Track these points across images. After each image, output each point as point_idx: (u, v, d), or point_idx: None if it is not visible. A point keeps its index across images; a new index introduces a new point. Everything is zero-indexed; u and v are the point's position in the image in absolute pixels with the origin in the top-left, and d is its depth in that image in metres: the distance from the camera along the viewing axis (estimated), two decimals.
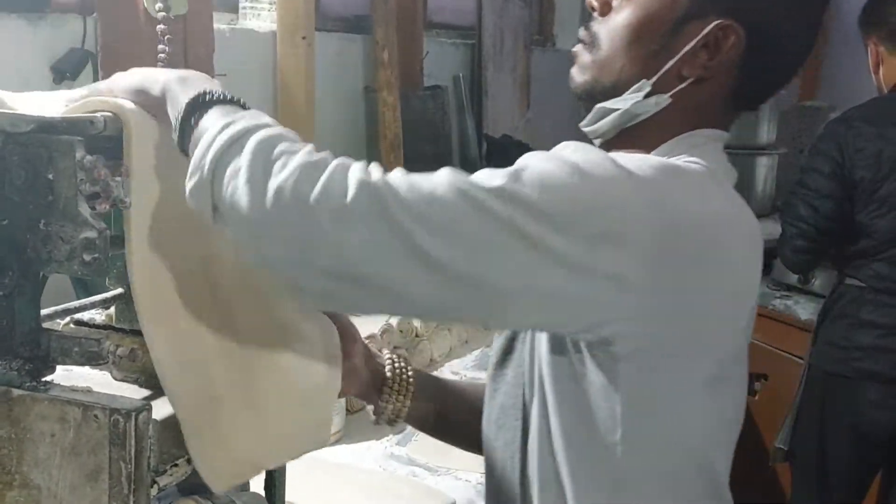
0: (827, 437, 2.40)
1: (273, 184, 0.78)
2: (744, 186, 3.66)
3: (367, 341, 1.95)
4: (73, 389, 0.92)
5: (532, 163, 0.84)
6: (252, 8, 2.37)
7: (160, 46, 1.73)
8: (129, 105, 0.92)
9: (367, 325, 2.06)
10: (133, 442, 0.88)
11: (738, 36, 0.93)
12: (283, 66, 2.33)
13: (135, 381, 0.98)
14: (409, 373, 1.18)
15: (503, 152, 3.27)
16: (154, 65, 1.72)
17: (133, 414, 0.88)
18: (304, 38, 2.29)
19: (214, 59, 1.99)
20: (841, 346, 2.34)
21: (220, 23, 2.26)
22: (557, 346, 0.94)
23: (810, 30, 0.99)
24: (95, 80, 1.73)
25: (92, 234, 0.90)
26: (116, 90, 0.94)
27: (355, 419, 1.92)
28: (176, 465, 0.95)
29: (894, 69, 2.32)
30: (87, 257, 0.91)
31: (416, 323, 2.22)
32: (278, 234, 0.79)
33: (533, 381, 0.98)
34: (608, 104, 0.98)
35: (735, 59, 0.95)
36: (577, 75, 1.01)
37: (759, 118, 3.66)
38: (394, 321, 2.12)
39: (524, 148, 3.37)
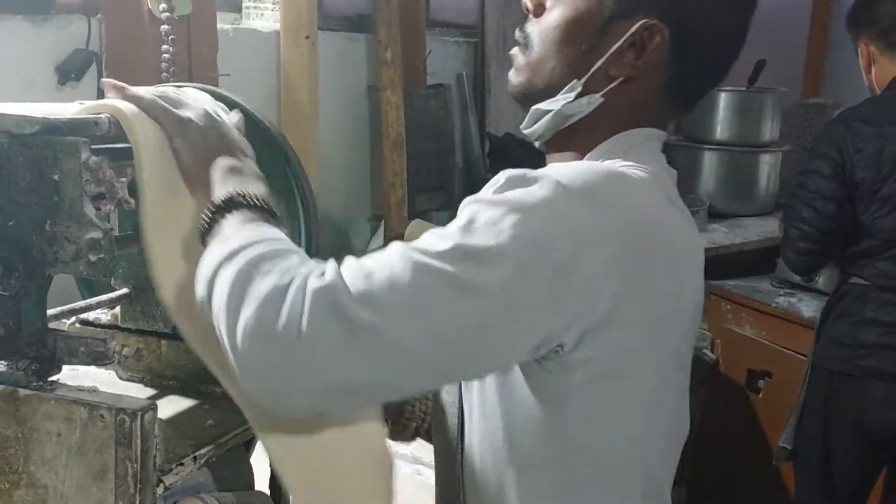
0: (831, 436, 2.40)
1: (241, 322, 0.78)
2: (746, 184, 3.68)
3: None
4: (79, 389, 0.93)
5: (477, 212, 0.83)
6: (255, 8, 2.38)
7: (164, 47, 1.74)
8: (130, 107, 0.93)
9: None
10: (139, 441, 0.89)
11: (663, 35, 0.94)
12: (286, 65, 2.33)
13: (140, 381, 0.98)
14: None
15: (505, 151, 3.27)
16: (159, 65, 1.73)
17: (139, 413, 0.89)
18: (307, 37, 2.30)
19: (218, 59, 1.99)
20: (845, 345, 2.34)
21: (223, 23, 2.26)
22: None
23: (739, 28, 0.99)
24: (99, 80, 1.74)
25: (97, 234, 0.91)
26: (177, 143, 0.96)
27: None
28: (182, 464, 0.96)
29: (886, 69, 2.31)
30: (92, 257, 0.91)
31: None
32: (257, 369, 0.78)
33: (471, 383, 0.99)
34: (542, 105, 0.99)
35: (662, 58, 0.96)
36: (513, 77, 1.02)
37: (761, 115, 3.65)
38: None
39: (526, 146, 3.36)
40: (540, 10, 0.99)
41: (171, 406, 1.11)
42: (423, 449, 1.77)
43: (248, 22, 2.39)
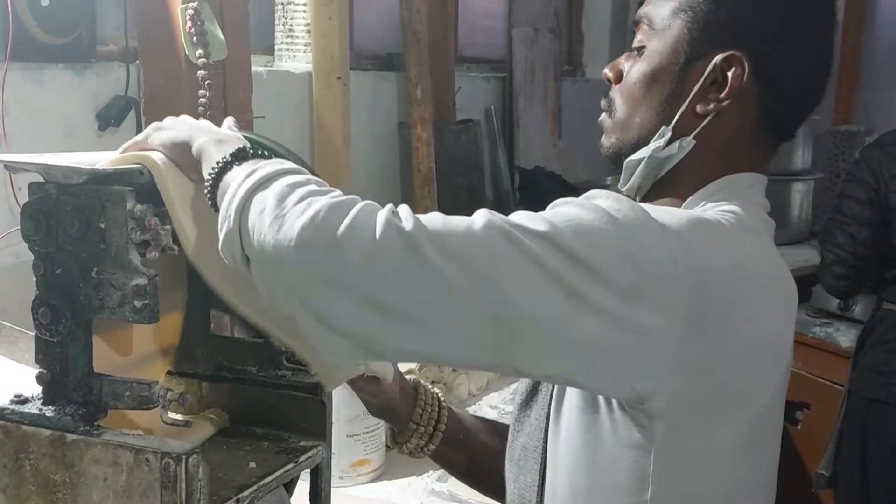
0: (869, 463, 2.36)
1: (298, 223, 0.77)
2: (779, 213, 3.64)
3: (408, 375, 1.97)
4: (125, 433, 0.94)
5: (569, 209, 0.84)
6: (288, 50, 2.42)
7: (200, 91, 1.78)
8: (159, 156, 0.95)
9: None
10: (184, 485, 0.90)
11: (742, 64, 0.94)
12: (318, 106, 2.37)
13: (184, 425, 0.99)
14: (441, 415, 1.23)
15: (536, 184, 3.28)
16: (196, 109, 1.76)
17: (183, 457, 0.90)
18: (339, 78, 2.33)
19: (252, 101, 2.03)
20: (880, 372, 2.31)
21: (256, 65, 2.31)
22: (590, 401, 0.93)
23: (823, 44, 0.98)
24: (139, 126, 1.78)
25: (142, 280, 0.93)
26: (153, 144, 0.96)
27: (396, 455, 1.92)
28: None
29: None
30: (137, 303, 0.93)
31: None
32: (305, 273, 0.78)
33: (559, 429, 0.97)
34: (634, 156, 0.99)
35: (746, 88, 0.95)
36: (605, 140, 1.03)
37: (793, 143, 3.65)
38: None
39: (556, 179, 3.38)
40: (620, 76, 1.01)
41: (213, 448, 1.13)
42: (460, 486, 1.77)
43: (281, 63, 2.43)
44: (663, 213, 0.87)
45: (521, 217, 0.82)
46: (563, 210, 0.84)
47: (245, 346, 1.17)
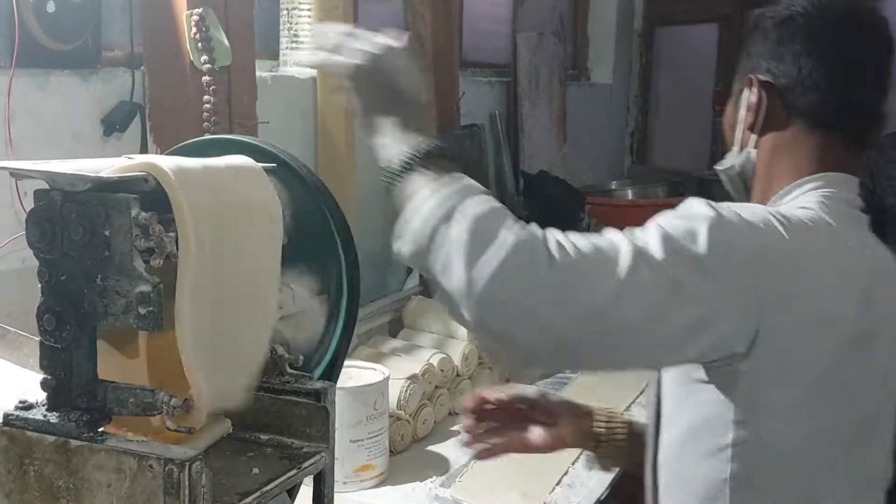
0: None
1: (492, 261, 0.93)
2: None
3: (408, 381, 1.97)
4: (129, 440, 0.94)
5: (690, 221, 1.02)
6: (292, 55, 2.42)
7: (205, 97, 1.78)
8: (170, 164, 0.95)
9: (409, 365, 2.08)
10: (187, 492, 0.90)
11: (753, 82, 1.19)
12: (323, 111, 2.37)
13: (188, 432, 0.99)
14: (621, 429, 1.40)
15: (540, 188, 3.29)
16: (200, 115, 1.77)
17: (186, 464, 0.90)
18: None
19: (257, 106, 2.03)
20: None
21: (261, 70, 2.31)
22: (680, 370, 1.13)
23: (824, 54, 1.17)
24: (143, 132, 1.79)
25: (146, 287, 0.93)
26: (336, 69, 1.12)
27: (399, 460, 1.93)
28: None
29: None
30: (142, 310, 0.94)
31: (457, 362, 2.23)
32: (502, 304, 0.94)
33: (661, 402, 1.18)
34: (716, 167, 1.28)
35: (773, 98, 1.18)
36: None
37: None
38: (435, 360, 2.13)
39: (561, 183, 3.38)
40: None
41: (216, 454, 1.13)
42: (463, 491, 1.77)
43: (286, 69, 2.43)
44: (745, 209, 1.06)
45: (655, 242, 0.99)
46: (693, 223, 1.02)
47: None
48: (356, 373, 1.88)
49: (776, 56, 1.18)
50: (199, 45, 1.73)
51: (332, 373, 1.21)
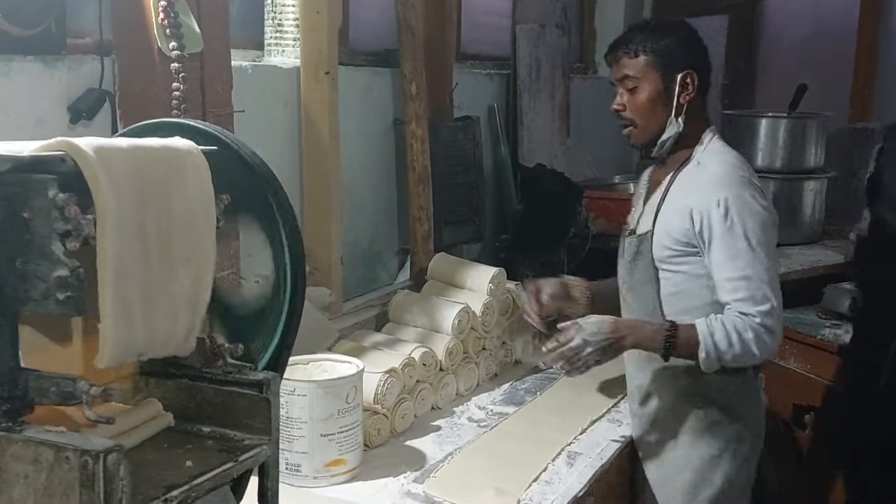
0: None
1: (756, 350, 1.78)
2: (790, 212, 3.57)
3: (387, 376, 1.93)
4: (48, 430, 0.91)
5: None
6: (277, 45, 2.39)
7: (174, 84, 1.75)
8: (86, 142, 0.93)
9: (389, 359, 2.04)
10: (101, 484, 0.87)
11: (692, 75, 1.90)
12: (307, 102, 2.33)
13: (106, 422, 0.96)
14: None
15: (536, 181, 3.23)
16: (169, 103, 1.73)
17: (101, 455, 0.87)
18: (327, 73, 2.29)
19: (238, 96, 2.00)
20: None
21: (245, 59, 2.28)
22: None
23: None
24: (113, 119, 1.75)
25: (64, 272, 0.90)
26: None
27: (374, 455, 1.89)
28: None
29: None
30: (60, 295, 0.90)
31: (441, 357, 2.19)
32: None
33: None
34: (664, 138, 1.93)
35: (695, 81, 1.92)
36: (635, 141, 1.99)
37: (804, 141, 3.56)
38: (416, 354, 2.09)
39: (558, 177, 3.33)
40: (624, 106, 1.93)
41: (153, 446, 1.10)
42: (436, 487, 1.72)
43: (270, 59, 2.40)
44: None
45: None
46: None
47: None
48: (330, 366, 1.84)
49: (691, 53, 1.92)
50: (168, 31, 1.70)
51: (277, 364, 1.17)
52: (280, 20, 2.38)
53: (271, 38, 2.40)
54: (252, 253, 1.20)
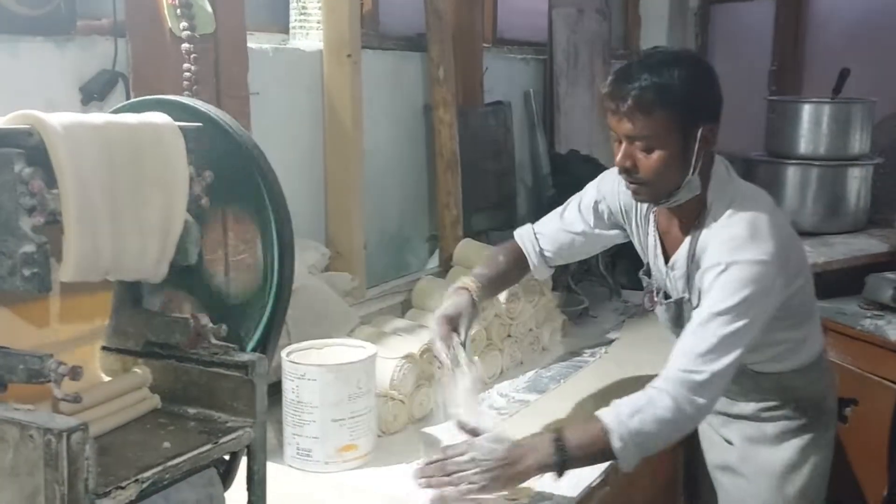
0: None
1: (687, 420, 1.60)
2: (834, 200, 3.45)
3: (403, 360, 1.90)
4: (16, 408, 0.90)
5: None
6: (301, 27, 2.37)
7: (185, 66, 1.73)
8: (55, 118, 0.91)
9: (408, 345, 2.01)
10: (65, 463, 0.85)
11: (711, 128, 1.65)
12: (329, 85, 2.30)
13: (73, 400, 0.94)
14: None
15: (566, 167, 3.17)
16: (181, 84, 1.72)
17: (65, 434, 0.85)
18: (349, 56, 2.27)
19: (255, 78, 1.98)
20: None
21: (270, 42, 2.26)
22: None
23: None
24: (127, 100, 1.75)
25: (31, 248, 0.89)
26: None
27: (389, 441, 1.86)
28: (121, 487, 0.92)
29: None
30: (26, 272, 0.89)
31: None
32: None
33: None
34: (681, 195, 1.69)
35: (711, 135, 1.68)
36: (641, 199, 1.76)
37: (849, 127, 3.43)
38: None
39: (591, 162, 3.26)
40: (635, 165, 1.63)
41: (137, 428, 1.08)
42: None
43: (294, 41, 2.38)
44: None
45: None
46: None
47: (173, 322, 1.12)
48: (342, 351, 1.81)
49: (713, 100, 1.67)
50: (178, 11, 1.68)
51: (265, 346, 1.15)
52: (304, 3, 2.36)
53: (296, 20, 2.38)
54: (241, 234, 1.17)
